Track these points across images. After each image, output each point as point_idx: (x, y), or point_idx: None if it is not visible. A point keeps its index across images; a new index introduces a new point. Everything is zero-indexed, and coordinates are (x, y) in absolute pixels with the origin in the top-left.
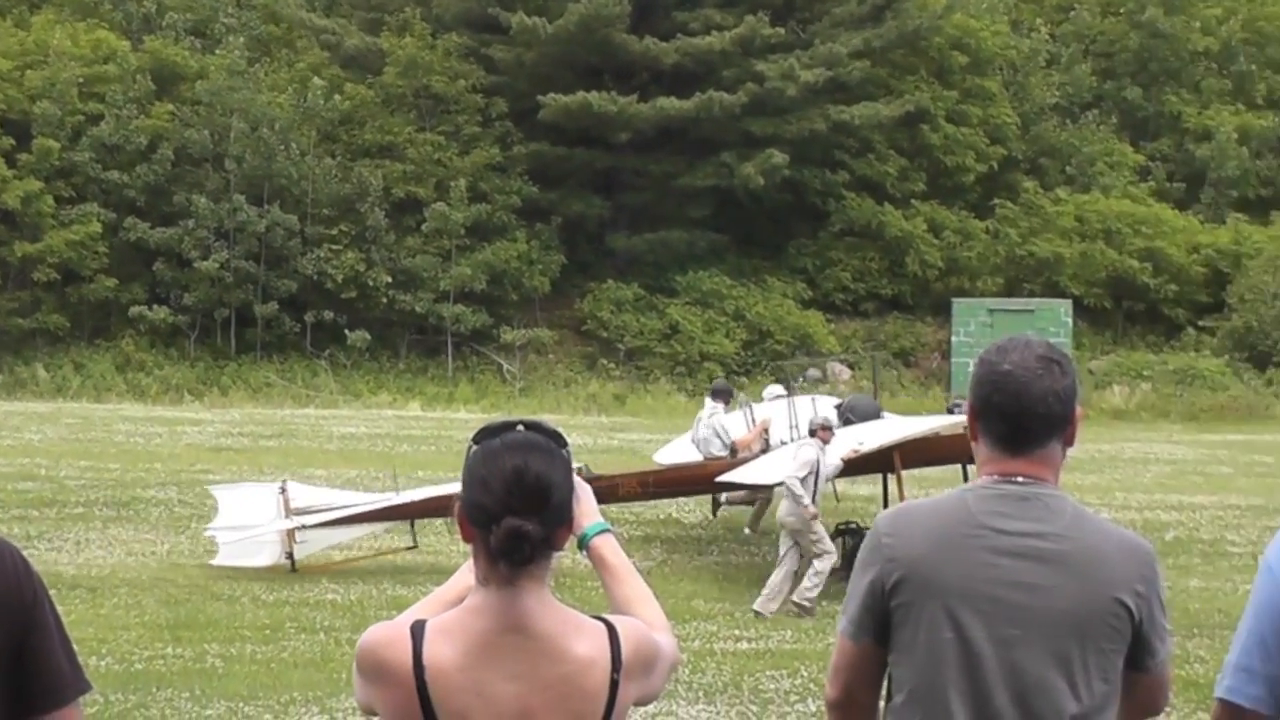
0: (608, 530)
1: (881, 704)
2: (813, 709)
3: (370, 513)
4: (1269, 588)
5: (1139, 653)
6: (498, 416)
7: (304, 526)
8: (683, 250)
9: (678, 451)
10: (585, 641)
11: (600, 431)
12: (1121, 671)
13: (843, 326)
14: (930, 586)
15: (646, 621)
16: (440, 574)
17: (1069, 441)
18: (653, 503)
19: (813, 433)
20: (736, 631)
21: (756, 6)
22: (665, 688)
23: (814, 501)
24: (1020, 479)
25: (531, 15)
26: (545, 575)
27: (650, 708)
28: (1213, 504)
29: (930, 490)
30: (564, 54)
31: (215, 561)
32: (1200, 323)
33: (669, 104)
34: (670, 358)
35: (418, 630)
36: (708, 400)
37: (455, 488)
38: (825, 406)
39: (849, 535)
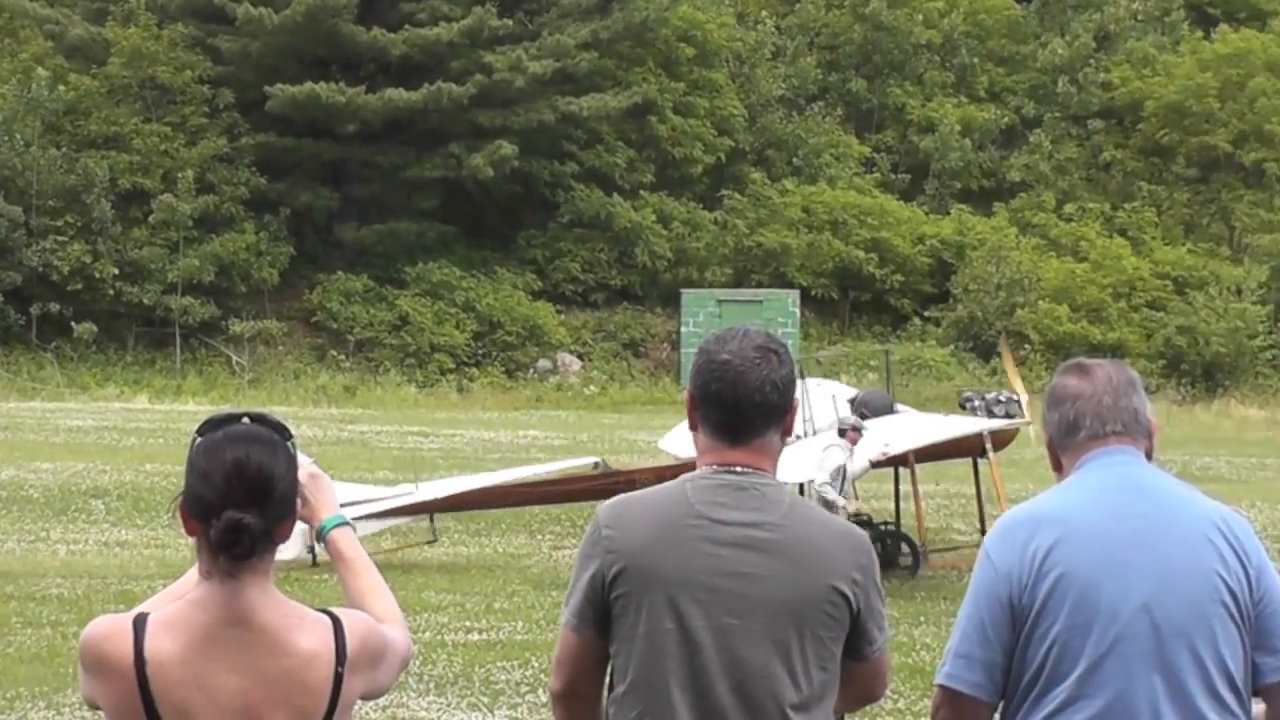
0: (346, 524)
1: (605, 694)
2: (543, 699)
3: (392, 509)
4: (988, 575)
5: (857, 641)
6: (224, 408)
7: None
8: (412, 241)
9: (683, 439)
10: (309, 635)
11: (330, 423)
12: (840, 659)
13: (572, 317)
14: (650, 577)
15: (380, 615)
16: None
17: (787, 431)
18: None
19: (842, 433)
20: (468, 623)
21: None
22: (396, 681)
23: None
24: (739, 469)
25: (258, 6)
26: (269, 568)
27: (380, 701)
28: (939, 493)
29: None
30: (291, 45)
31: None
32: (925, 313)
33: (397, 95)
34: (400, 349)
35: (140, 623)
36: None
37: (477, 483)
38: (840, 399)
39: (889, 539)
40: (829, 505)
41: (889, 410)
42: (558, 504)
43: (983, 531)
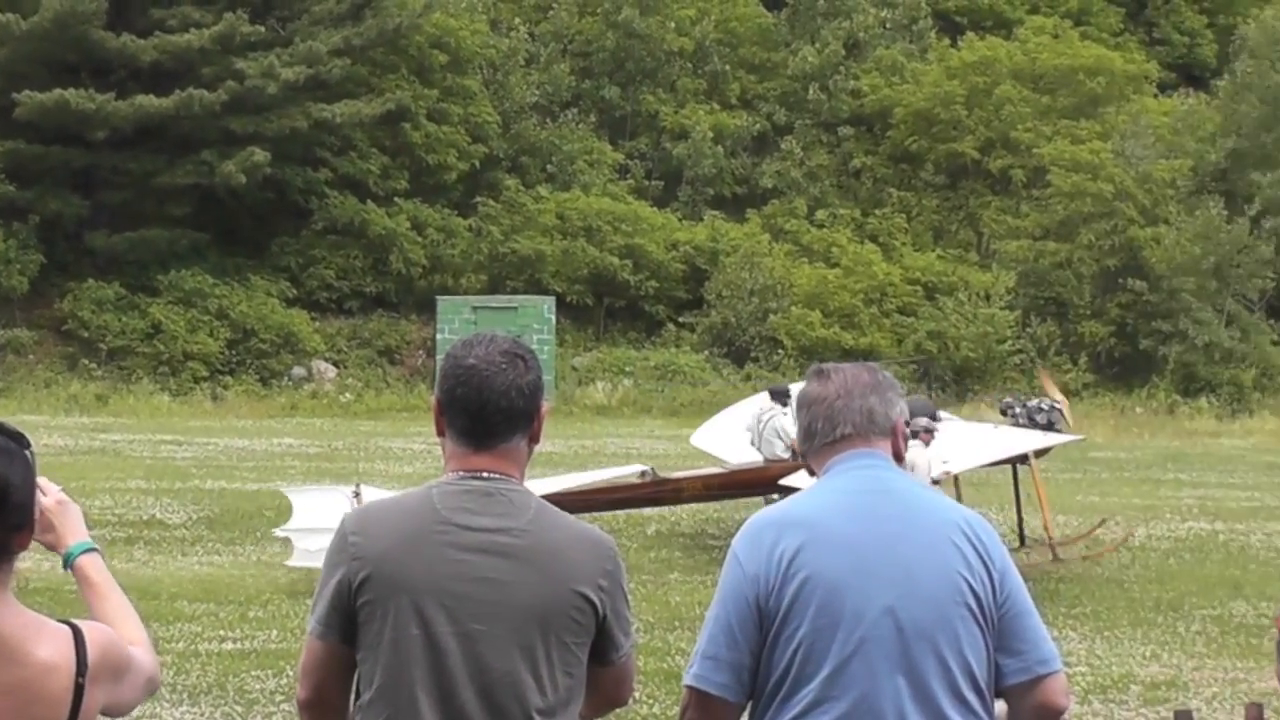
0: (93, 550)
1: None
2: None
3: None
4: (736, 577)
5: (603, 646)
6: None
7: None
8: (164, 249)
9: (715, 435)
10: (47, 645)
11: (82, 432)
12: (586, 665)
13: (327, 325)
14: (396, 584)
15: (128, 639)
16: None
17: (534, 438)
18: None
19: (915, 435)
20: (221, 632)
21: (235, 4)
22: (141, 702)
23: None
24: (485, 474)
25: (5, 11)
26: (7, 578)
27: (134, 712)
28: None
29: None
30: (39, 50)
31: (290, 563)
32: (680, 319)
33: (148, 102)
34: (153, 357)
35: None
36: (764, 400)
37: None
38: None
39: None
40: None
41: (931, 418)
42: (607, 511)
43: (1021, 538)
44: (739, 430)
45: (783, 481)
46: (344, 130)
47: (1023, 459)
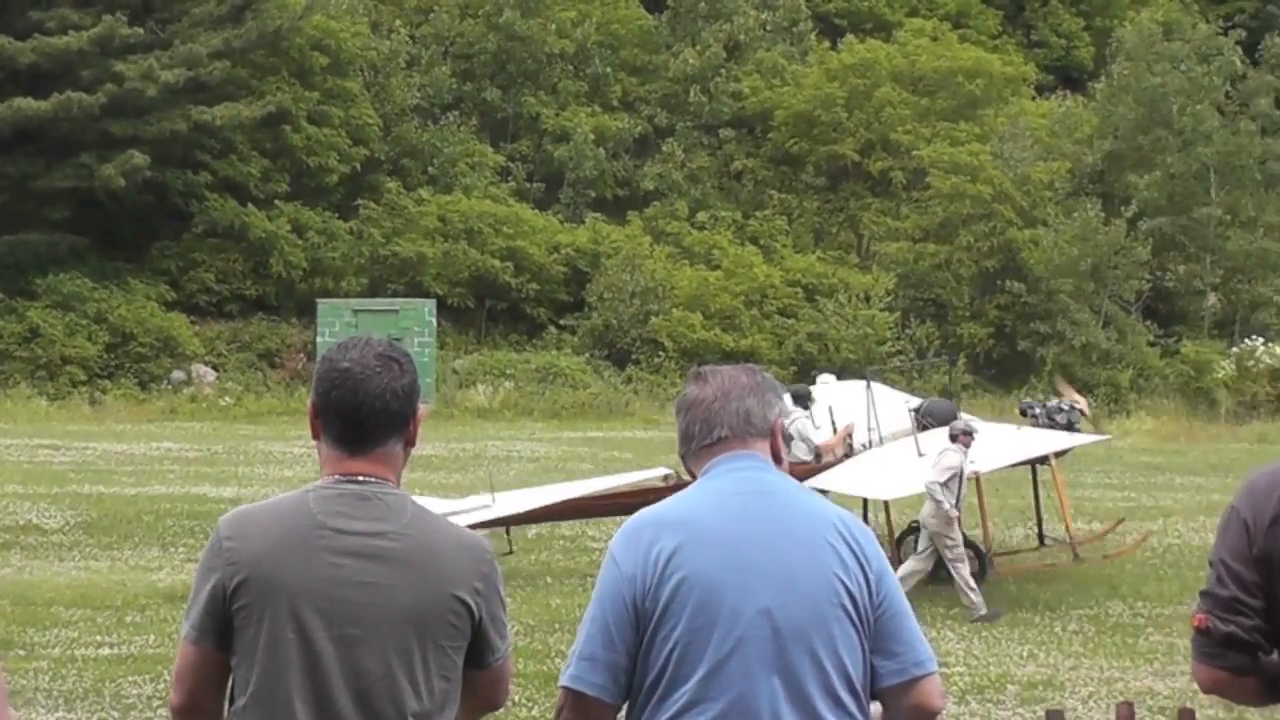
0: None
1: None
2: None
3: (471, 524)
4: (613, 577)
5: (480, 649)
6: None
7: None
8: (43, 252)
9: None
10: None
11: None
12: (462, 668)
13: (207, 328)
14: (272, 588)
15: None
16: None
17: (410, 441)
18: (14, 511)
19: (954, 438)
20: (98, 637)
21: (114, 6)
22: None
23: (957, 505)
24: (361, 478)
25: None
26: None
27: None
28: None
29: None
30: None
31: None
32: (561, 321)
33: (26, 104)
34: (30, 361)
35: None
36: (787, 404)
37: (553, 495)
38: (901, 409)
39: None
40: (938, 502)
41: (952, 418)
42: (630, 515)
43: (1041, 538)
44: None
45: (807, 484)
46: (224, 133)
47: (1043, 459)
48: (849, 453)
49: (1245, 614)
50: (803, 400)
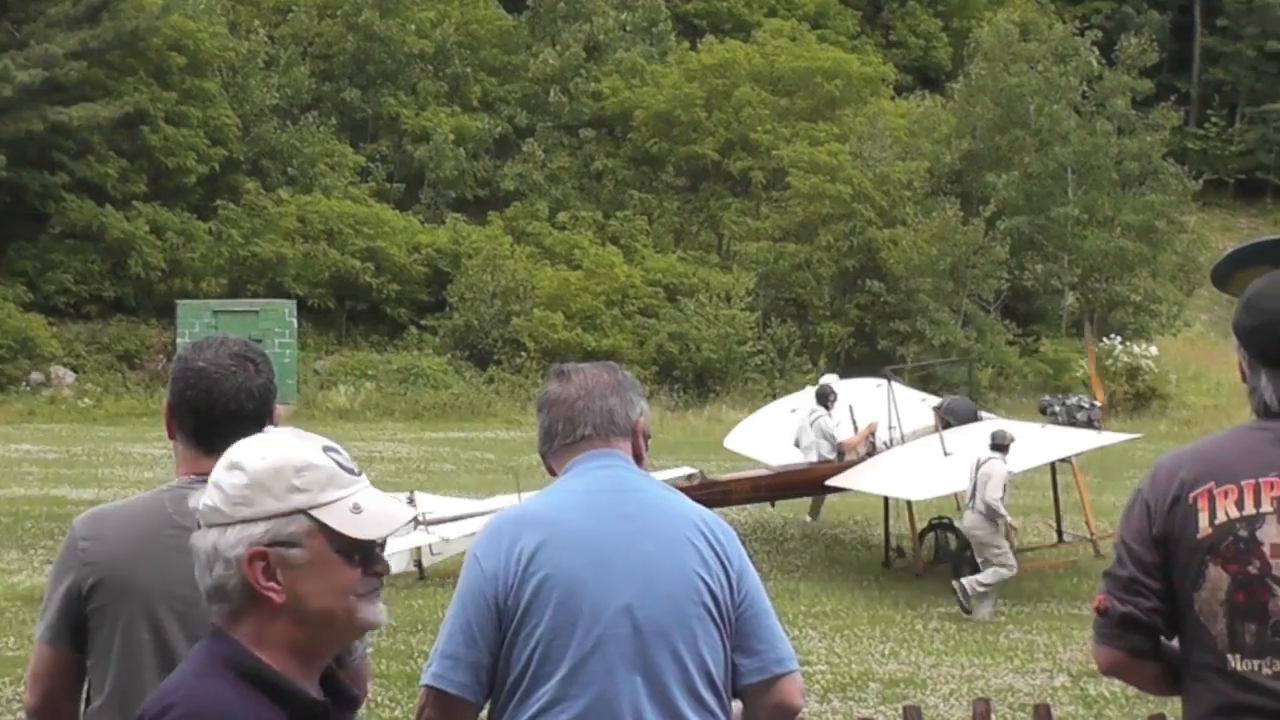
0: None
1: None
2: None
3: None
4: (475, 576)
5: None
6: None
7: (445, 540)
8: None
9: (750, 437)
10: None
11: None
12: None
13: (65, 329)
14: (127, 589)
15: None
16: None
17: None
18: None
19: (998, 448)
20: None
21: None
22: None
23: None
24: None
25: None
26: None
27: None
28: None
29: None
30: None
31: None
32: (422, 322)
33: None
34: None
35: None
36: (810, 402)
37: None
38: (920, 407)
39: (940, 530)
40: (1000, 517)
41: (974, 418)
42: None
43: (1059, 534)
44: (779, 430)
45: (829, 482)
46: (81, 133)
47: (1064, 458)
48: (871, 451)
49: (1143, 595)
50: (825, 399)
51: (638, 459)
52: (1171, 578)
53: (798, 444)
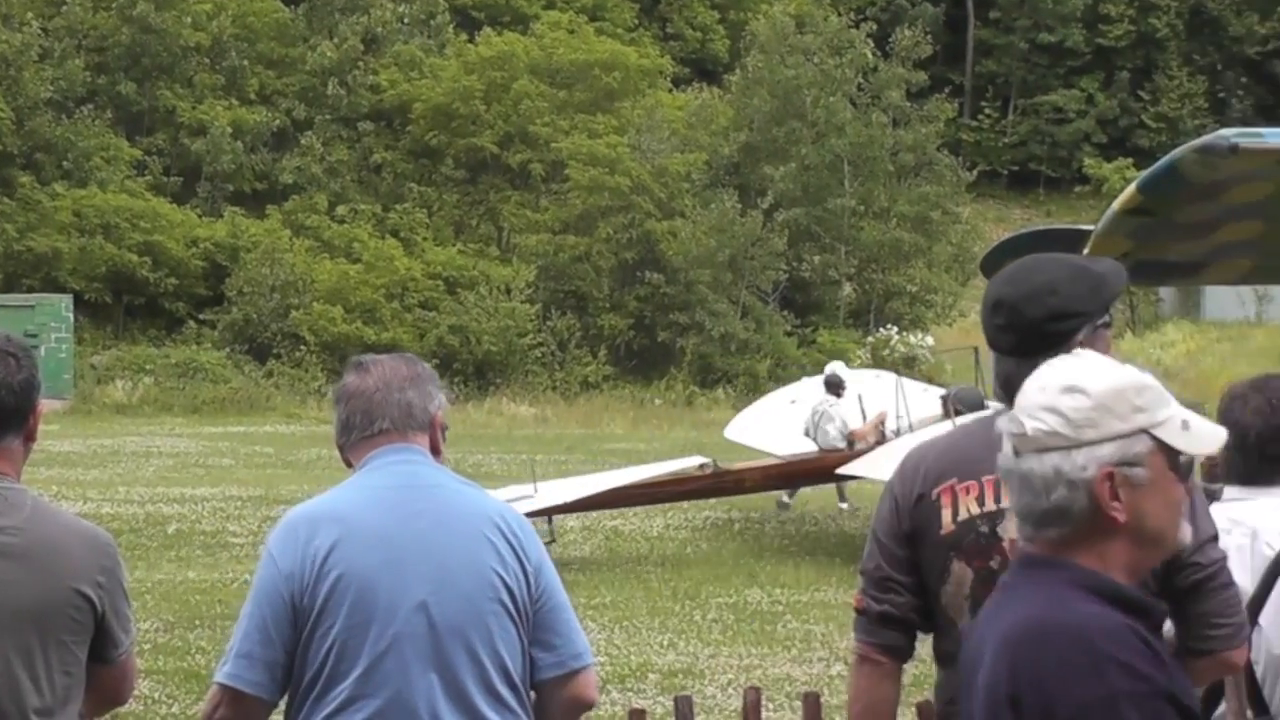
0: None
1: None
2: None
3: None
4: (271, 574)
5: (102, 644)
6: None
7: None
8: None
9: (751, 427)
10: None
11: None
12: (85, 663)
13: None
14: None
15: None
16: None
17: (30, 436)
18: None
19: None
20: None
21: None
22: None
23: None
24: None
25: None
26: None
27: None
28: (214, 495)
29: None
30: None
31: None
32: (201, 316)
33: None
34: None
35: None
36: (821, 392)
37: (594, 485)
38: (926, 396)
39: None
40: None
41: (981, 406)
42: (671, 502)
43: None
44: (779, 421)
45: (840, 470)
46: None
47: None
48: (881, 440)
49: (896, 591)
50: (835, 388)
51: (435, 452)
52: (923, 570)
53: (807, 434)
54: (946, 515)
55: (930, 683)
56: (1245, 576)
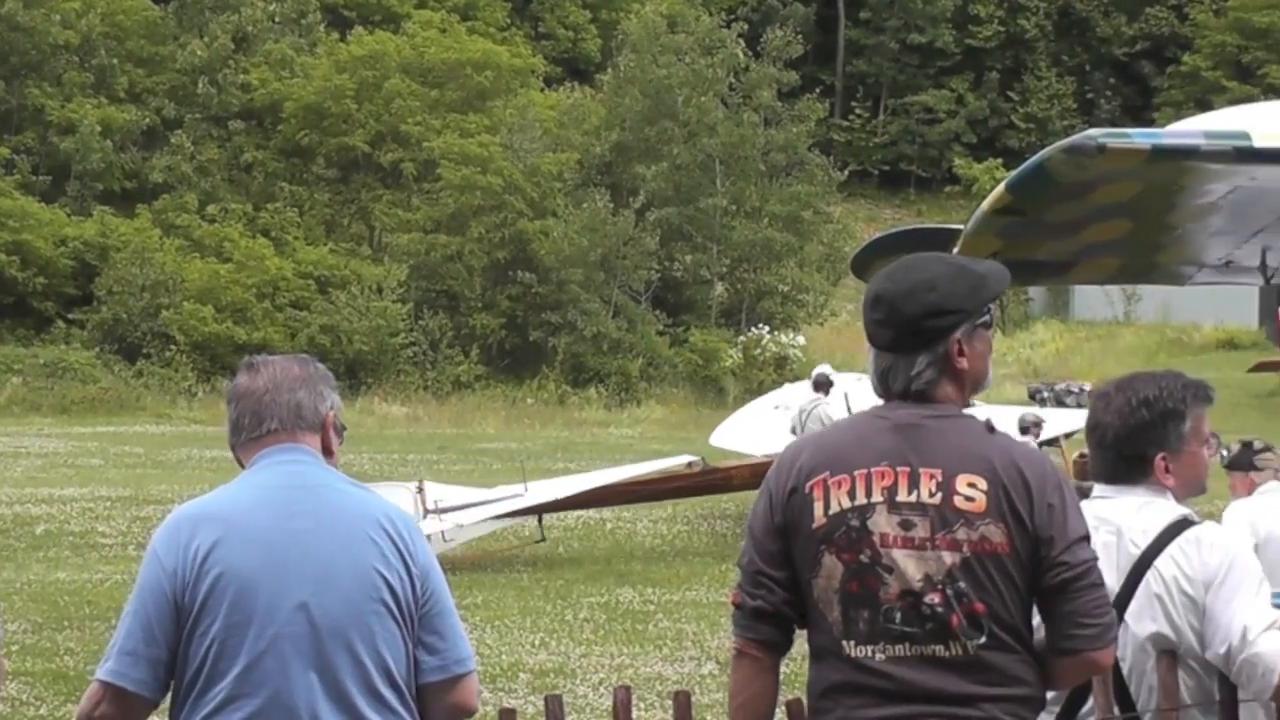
0: None
1: None
2: None
3: (504, 512)
4: (155, 572)
5: None
6: None
7: (460, 525)
8: None
9: (736, 432)
10: None
11: None
12: None
13: None
14: None
15: None
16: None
17: None
18: None
19: (1025, 430)
20: None
21: None
22: None
23: None
24: None
25: None
26: None
27: None
28: (83, 496)
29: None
30: None
31: None
32: (70, 315)
33: None
34: None
35: None
36: (808, 391)
37: (583, 484)
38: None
39: None
40: None
41: (970, 405)
42: (659, 500)
43: None
44: (766, 426)
45: None
46: None
47: (1053, 441)
48: None
49: (769, 587)
50: (823, 387)
51: (327, 453)
52: (795, 566)
53: (794, 432)
54: (818, 509)
55: (802, 681)
56: (1111, 574)
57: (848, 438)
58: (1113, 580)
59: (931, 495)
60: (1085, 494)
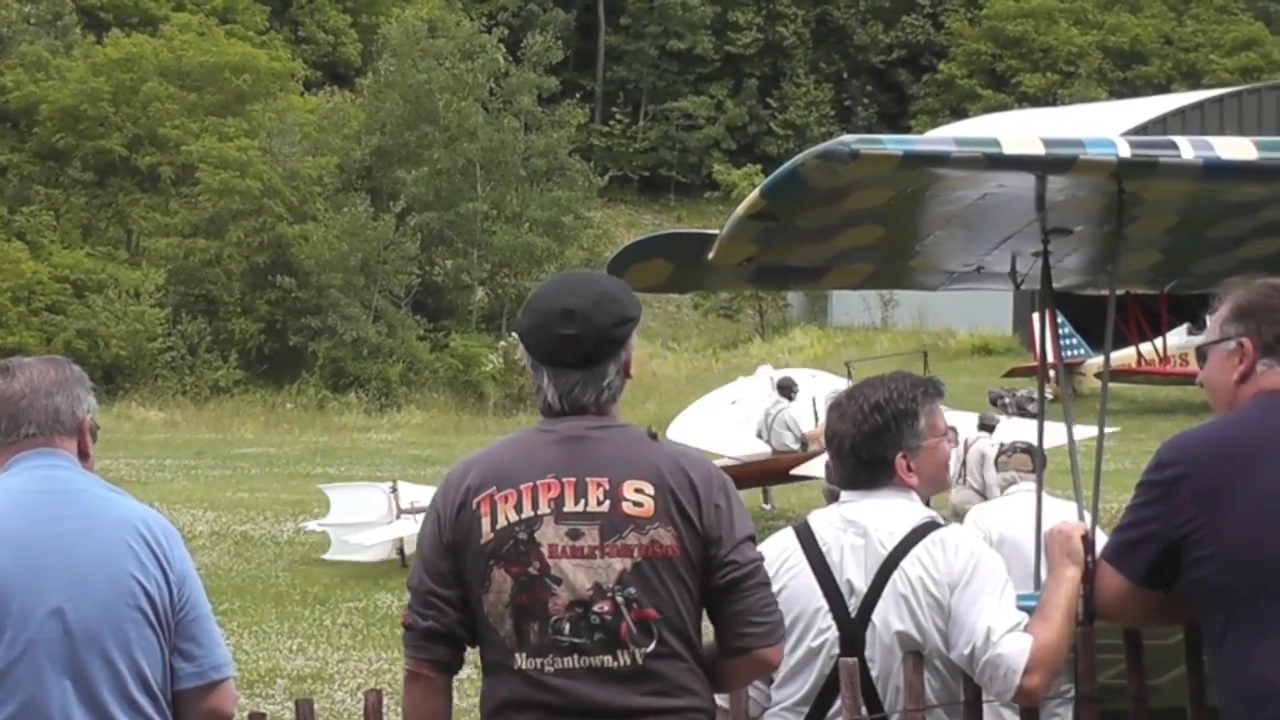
0: None
1: None
2: None
3: None
4: None
5: None
6: None
7: None
8: None
9: (694, 426)
10: None
11: None
12: None
13: None
14: None
15: None
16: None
17: None
18: None
19: (987, 428)
20: None
21: None
22: None
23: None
24: None
25: None
26: None
27: None
28: None
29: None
30: None
31: (327, 555)
32: None
33: None
34: None
35: None
36: (773, 394)
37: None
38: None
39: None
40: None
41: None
42: None
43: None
44: (721, 421)
45: (794, 471)
46: None
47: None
48: None
49: (440, 607)
50: (787, 391)
51: (84, 456)
52: (465, 584)
53: (760, 435)
54: (486, 524)
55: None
56: (859, 575)
57: (514, 453)
58: (861, 580)
59: (599, 503)
60: (834, 496)
